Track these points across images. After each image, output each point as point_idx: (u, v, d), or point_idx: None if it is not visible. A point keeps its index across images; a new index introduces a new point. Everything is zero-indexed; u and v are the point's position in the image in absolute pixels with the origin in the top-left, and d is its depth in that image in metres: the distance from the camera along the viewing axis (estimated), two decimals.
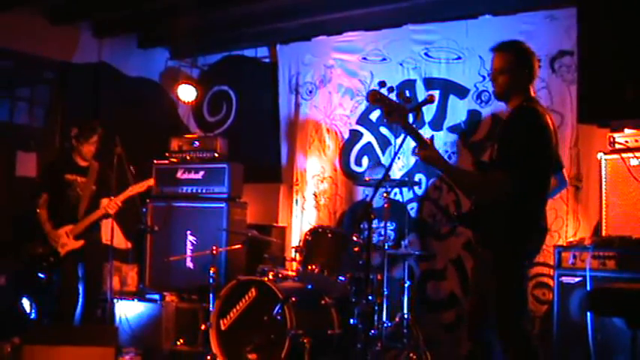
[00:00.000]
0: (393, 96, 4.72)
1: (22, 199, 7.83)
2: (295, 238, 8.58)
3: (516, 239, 4.46)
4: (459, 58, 7.72)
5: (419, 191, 7.85)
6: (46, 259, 7.04)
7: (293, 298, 6.38)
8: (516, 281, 4.51)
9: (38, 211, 7.16)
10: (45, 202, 7.19)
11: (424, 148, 4.60)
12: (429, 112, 7.72)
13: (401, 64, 8.07)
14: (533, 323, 6.27)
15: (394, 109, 4.57)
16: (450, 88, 7.75)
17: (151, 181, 7.68)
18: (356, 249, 6.71)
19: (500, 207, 4.47)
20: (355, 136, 8.44)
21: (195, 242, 8.27)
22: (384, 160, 8.12)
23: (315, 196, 8.66)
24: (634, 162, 5.95)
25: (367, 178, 7.33)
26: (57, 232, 7.07)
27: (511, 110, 4.69)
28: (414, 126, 4.78)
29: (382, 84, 4.66)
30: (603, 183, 6.15)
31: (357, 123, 8.43)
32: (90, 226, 7.20)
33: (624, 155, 6.00)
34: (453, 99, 7.73)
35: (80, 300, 7.16)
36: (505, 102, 4.80)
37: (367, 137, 8.34)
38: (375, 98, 4.60)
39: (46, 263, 7.06)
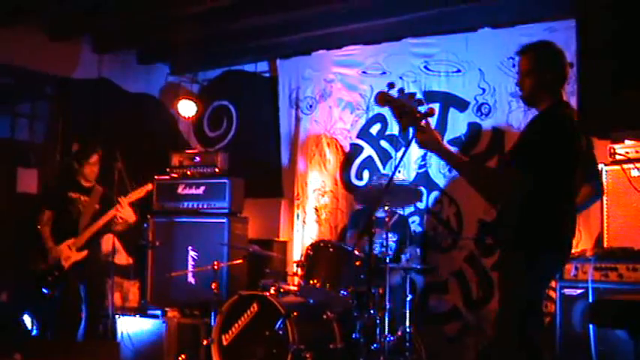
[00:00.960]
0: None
1: (24, 215, 7.82)
2: (297, 252, 8.58)
3: (532, 246, 4.25)
4: (459, 71, 7.74)
5: (420, 204, 7.84)
6: (51, 273, 7.03)
7: (295, 313, 6.37)
8: (529, 291, 4.33)
9: (39, 227, 7.16)
10: (48, 219, 7.20)
11: (422, 131, 4.25)
12: None
13: (401, 78, 8.07)
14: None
15: (405, 111, 4.40)
16: (450, 101, 7.76)
17: (149, 186, 7.62)
18: (357, 263, 6.70)
19: (517, 213, 4.26)
20: (356, 150, 8.45)
21: (196, 257, 8.25)
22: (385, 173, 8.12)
23: (317, 210, 8.66)
24: (635, 173, 5.94)
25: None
26: (59, 248, 7.07)
27: (538, 112, 4.44)
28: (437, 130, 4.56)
29: (391, 85, 4.48)
30: (604, 194, 6.14)
31: (358, 137, 8.44)
32: (92, 241, 7.18)
33: (625, 166, 5.99)
34: (452, 112, 7.74)
35: (83, 318, 7.14)
36: (534, 106, 4.52)
37: (368, 151, 8.35)
38: (384, 99, 4.42)
39: (51, 278, 7.04)
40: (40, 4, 7.91)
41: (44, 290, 7.11)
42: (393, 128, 8.07)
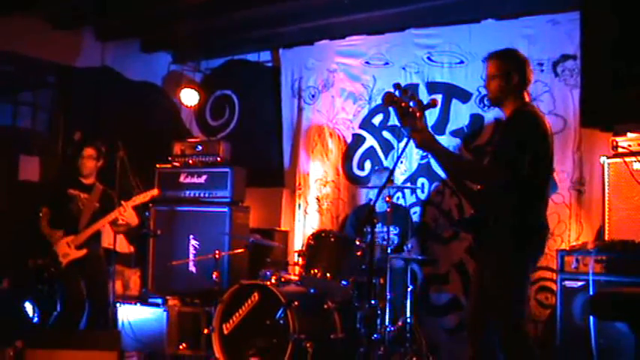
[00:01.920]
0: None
1: (25, 202, 7.83)
2: (298, 242, 8.58)
3: (516, 241, 4.46)
4: (462, 62, 7.73)
5: (422, 195, 7.85)
6: (47, 269, 7.01)
7: (295, 303, 6.37)
8: (518, 284, 4.51)
9: (40, 216, 7.14)
10: (46, 214, 7.17)
11: (418, 131, 4.51)
12: (431, 116, 7.71)
13: (403, 68, 8.07)
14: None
15: (408, 112, 4.53)
16: (453, 92, 7.75)
17: (155, 192, 7.60)
18: (359, 253, 6.71)
19: (500, 210, 4.49)
20: (358, 140, 8.44)
21: (197, 246, 8.26)
22: (387, 164, 8.12)
23: (318, 200, 8.66)
24: (637, 166, 5.94)
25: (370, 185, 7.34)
26: (59, 241, 7.04)
27: (508, 115, 4.73)
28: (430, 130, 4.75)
29: (397, 86, 4.62)
30: (606, 187, 6.14)
31: (360, 127, 8.43)
32: (91, 238, 7.17)
33: (627, 159, 6.00)
34: (455, 103, 7.73)
35: (85, 312, 7.12)
36: (499, 107, 4.84)
37: (370, 141, 8.34)
38: (390, 100, 4.55)
39: (47, 274, 7.03)
40: None
41: (40, 286, 7.10)
42: (396, 119, 8.06)
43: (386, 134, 8.22)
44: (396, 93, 4.50)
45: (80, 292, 7.10)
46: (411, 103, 4.48)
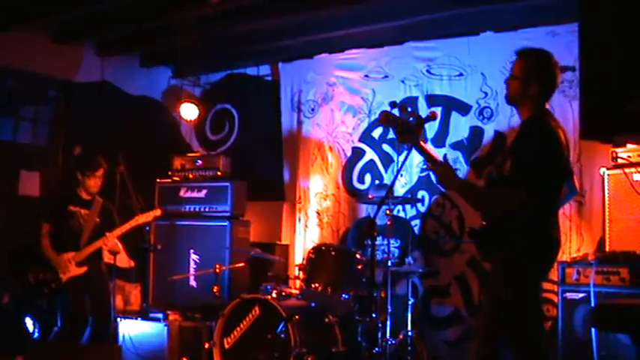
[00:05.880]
0: (396, 111, 4.65)
1: (25, 218, 7.82)
2: (299, 256, 8.57)
3: (529, 254, 4.34)
4: (461, 74, 7.74)
5: (422, 208, 7.85)
6: (47, 284, 7.00)
7: (297, 316, 6.36)
8: (530, 297, 4.42)
9: (41, 233, 7.12)
10: (47, 232, 7.16)
11: (439, 167, 4.48)
12: (431, 128, 7.73)
13: (403, 82, 8.08)
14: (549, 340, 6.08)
15: (406, 129, 4.50)
16: (452, 105, 7.76)
17: (157, 212, 7.60)
18: (359, 266, 6.70)
19: (511, 222, 4.37)
20: (358, 153, 8.45)
21: (198, 261, 8.26)
22: (387, 177, 8.12)
23: (318, 213, 8.66)
24: (637, 177, 5.95)
25: (370, 196, 7.33)
26: (60, 258, 7.03)
27: (522, 122, 4.59)
28: (428, 145, 4.70)
29: (393, 104, 4.60)
30: (606, 198, 6.15)
31: (360, 140, 8.44)
32: (92, 255, 7.15)
33: (627, 170, 5.99)
34: (455, 115, 7.74)
35: (88, 326, 7.09)
36: (515, 108, 4.67)
37: (370, 155, 8.35)
38: (387, 120, 4.54)
39: (47, 289, 7.01)
40: (45, 9, 7.90)
41: (39, 301, 7.09)
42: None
43: (386, 147, 8.22)
44: (394, 111, 4.49)
45: (83, 307, 7.08)
46: (411, 119, 4.48)
